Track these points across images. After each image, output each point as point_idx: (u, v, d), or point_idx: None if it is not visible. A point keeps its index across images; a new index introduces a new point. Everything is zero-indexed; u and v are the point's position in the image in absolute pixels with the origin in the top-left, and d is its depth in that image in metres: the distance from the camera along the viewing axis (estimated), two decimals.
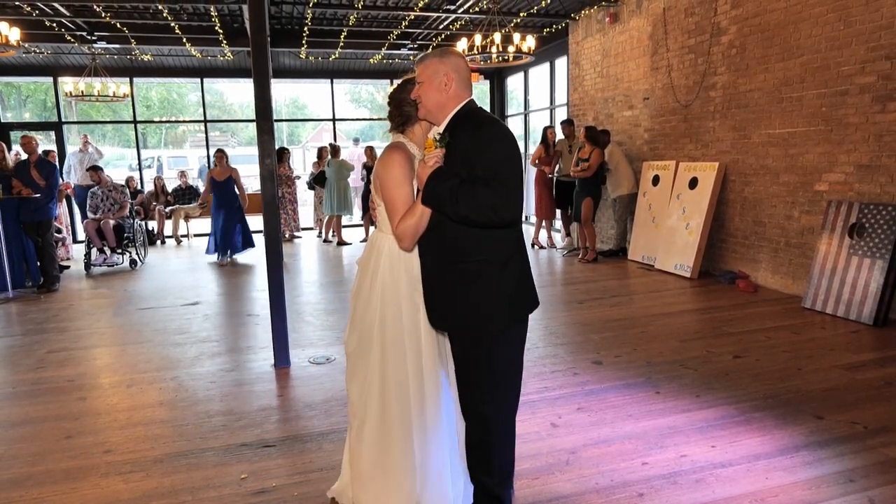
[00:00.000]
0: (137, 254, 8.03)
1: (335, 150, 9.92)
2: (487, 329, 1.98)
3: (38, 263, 6.69)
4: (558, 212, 8.79)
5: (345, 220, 10.13)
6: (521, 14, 8.46)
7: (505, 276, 1.97)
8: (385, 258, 2.06)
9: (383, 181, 2.00)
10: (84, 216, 9.78)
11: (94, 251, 7.70)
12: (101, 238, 7.72)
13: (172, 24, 8.29)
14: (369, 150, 9.84)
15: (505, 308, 1.98)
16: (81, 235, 10.01)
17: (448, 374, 2.16)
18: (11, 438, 3.05)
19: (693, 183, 6.52)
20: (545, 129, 8.62)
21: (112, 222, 7.76)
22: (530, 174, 8.98)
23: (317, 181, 10.23)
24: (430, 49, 9.96)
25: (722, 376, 3.59)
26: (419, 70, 1.99)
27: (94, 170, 8.18)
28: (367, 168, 9.61)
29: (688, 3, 6.63)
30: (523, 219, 11.42)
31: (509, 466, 2.12)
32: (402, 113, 2.08)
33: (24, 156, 6.73)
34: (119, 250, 7.85)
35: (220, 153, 8.08)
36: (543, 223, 8.78)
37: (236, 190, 8.03)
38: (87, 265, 7.59)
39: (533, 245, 8.62)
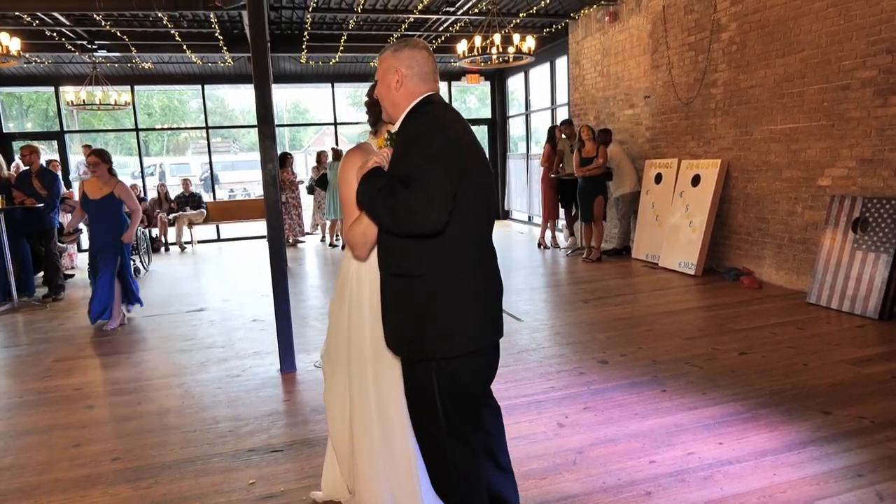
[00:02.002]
0: (142, 261, 8.04)
1: (338, 153, 9.95)
2: (427, 357, 1.74)
3: (42, 273, 6.72)
4: (561, 212, 8.78)
5: None
6: (521, 14, 8.46)
7: (451, 296, 1.70)
8: (353, 268, 1.99)
9: (339, 184, 1.93)
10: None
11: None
12: None
13: (172, 32, 8.33)
14: None
15: (449, 334, 1.72)
16: (86, 244, 10.07)
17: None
18: (20, 448, 3.06)
19: (696, 180, 6.51)
20: (552, 129, 8.53)
21: None
22: (533, 175, 8.99)
23: (318, 183, 10.26)
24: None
25: (728, 373, 3.58)
26: (378, 66, 1.84)
27: None
28: None
29: (687, 1, 6.63)
30: (526, 219, 11.42)
31: (476, 498, 1.89)
32: (372, 113, 2.03)
33: (24, 167, 6.75)
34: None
35: (96, 155, 5.12)
36: (549, 223, 8.76)
37: (125, 215, 5.23)
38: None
39: (539, 245, 8.63)
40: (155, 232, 10.10)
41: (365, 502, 2.08)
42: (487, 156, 1.93)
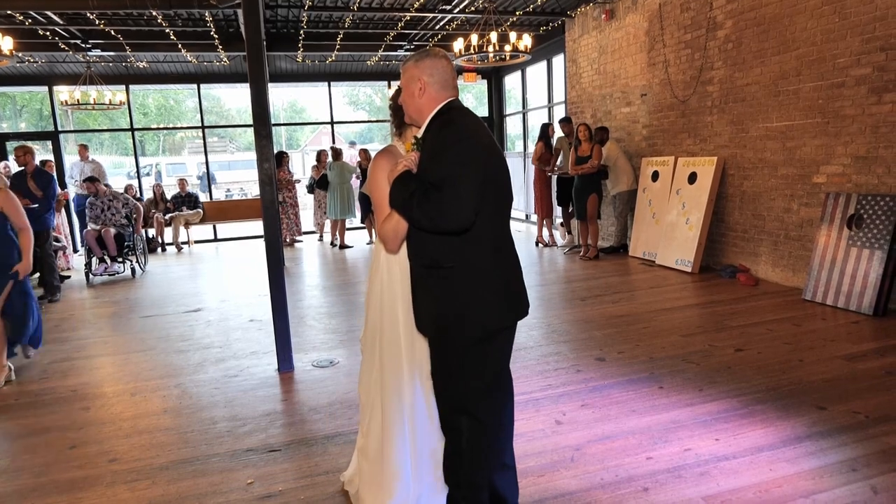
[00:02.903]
0: (138, 262, 8.03)
1: (336, 153, 9.93)
2: (454, 338, 1.93)
3: (38, 274, 6.70)
4: (559, 209, 8.78)
5: (347, 223, 10.13)
6: (518, 13, 8.46)
7: (476, 284, 1.90)
8: (384, 261, 2.12)
9: (369, 184, 2.08)
10: (82, 225, 9.81)
11: (94, 260, 7.69)
12: (101, 247, 7.71)
13: (167, 31, 8.30)
14: (363, 153, 9.86)
15: (473, 318, 1.91)
16: (80, 245, 10.03)
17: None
18: (16, 450, 3.05)
19: (692, 178, 6.53)
20: (544, 126, 8.54)
21: (113, 231, 7.76)
22: (529, 173, 8.98)
23: (319, 185, 10.24)
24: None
25: (724, 370, 3.60)
26: (401, 75, 2.02)
27: (91, 181, 8.16)
28: (363, 170, 9.62)
29: None
30: (523, 217, 11.43)
31: (479, 480, 2.04)
32: (397, 117, 2.15)
33: (16, 168, 6.71)
34: (120, 259, 7.83)
35: None
36: (545, 221, 8.76)
37: (11, 234, 4.03)
38: (88, 274, 7.60)
39: (537, 244, 8.63)
40: (151, 232, 10.08)
41: (386, 483, 2.16)
42: (499, 146, 2.09)
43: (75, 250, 9.73)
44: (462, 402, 1.98)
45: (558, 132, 8.60)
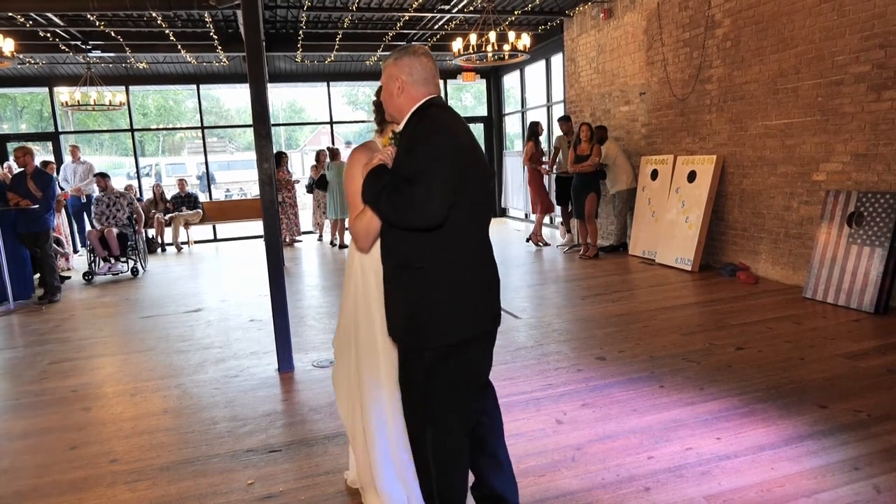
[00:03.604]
0: (139, 262, 8.05)
1: (334, 153, 9.93)
2: (421, 346, 1.85)
3: (38, 275, 6.70)
4: (558, 208, 8.77)
5: (346, 223, 10.13)
6: (516, 12, 8.46)
7: (446, 289, 1.82)
8: (357, 261, 2.09)
9: (345, 178, 2.06)
10: (79, 227, 9.82)
11: (98, 260, 7.75)
12: (104, 247, 7.75)
13: (167, 32, 8.30)
14: None
15: (441, 325, 1.82)
16: (80, 246, 10.03)
17: None
18: (16, 450, 3.05)
19: (691, 176, 6.53)
20: (533, 125, 8.43)
21: (115, 230, 7.81)
22: (514, 173, 8.90)
23: (318, 185, 10.24)
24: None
25: (725, 368, 3.60)
26: (382, 73, 1.98)
27: (102, 176, 8.21)
28: None
29: None
30: (523, 216, 11.43)
31: (451, 495, 1.96)
32: (378, 113, 2.14)
33: (17, 168, 6.72)
34: (123, 259, 7.89)
35: None
36: (544, 218, 8.73)
37: None
38: (90, 274, 7.61)
39: (528, 240, 8.58)
40: (151, 232, 10.08)
41: (378, 481, 2.13)
42: (484, 153, 2.03)
43: (75, 251, 9.73)
44: (433, 416, 1.89)
45: (557, 131, 8.58)
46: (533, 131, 8.35)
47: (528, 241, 8.61)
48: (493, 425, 2.11)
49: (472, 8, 7.97)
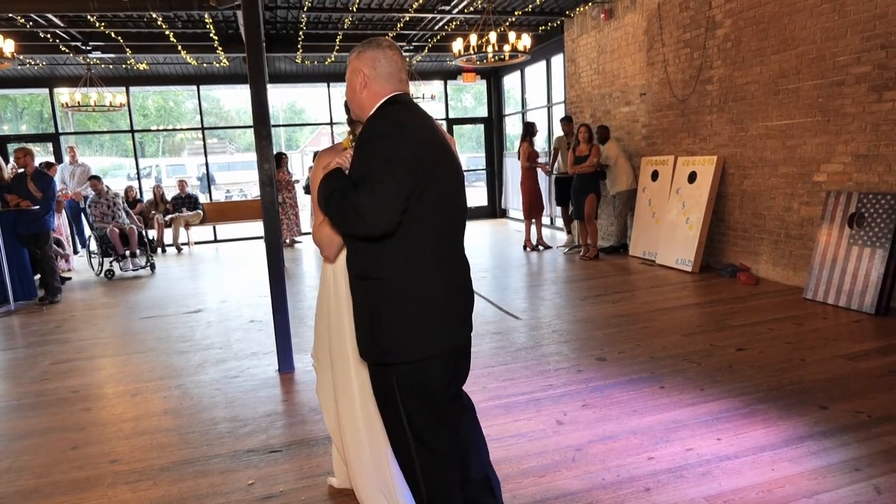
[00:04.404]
0: (149, 259, 8.25)
1: None
2: (384, 361, 1.73)
3: (39, 276, 6.71)
4: (558, 209, 8.74)
5: None
6: (516, 13, 8.46)
7: (408, 301, 1.67)
8: (330, 270, 2.06)
9: (311, 184, 1.97)
10: (77, 229, 9.83)
11: (114, 258, 7.97)
12: (124, 244, 7.96)
13: (167, 33, 8.31)
14: None
15: (406, 338, 1.69)
16: (80, 247, 10.03)
17: None
18: (17, 451, 3.05)
19: (692, 177, 6.53)
20: (528, 125, 8.33)
21: (136, 228, 8.14)
22: (514, 174, 8.81)
23: None
24: (426, 51, 9.98)
25: (725, 369, 3.59)
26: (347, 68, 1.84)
27: (96, 179, 8.26)
28: None
29: None
30: (523, 217, 11.41)
31: (442, 499, 1.85)
32: (348, 113, 2.04)
33: (19, 169, 6.73)
34: (140, 255, 8.15)
35: None
36: (533, 222, 8.55)
37: None
38: (111, 272, 7.88)
39: (525, 247, 8.41)
40: (152, 233, 10.08)
41: (359, 493, 2.14)
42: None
43: (75, 252, 9.73)
44: (405, 428, 1.79)
45: (557, 131, 8.57)
46: (527, 131, 8.27)
47: (525, 248, 8.41)
48: (470, 447, 1.99)
49: (472, 8, 7.97)
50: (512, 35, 6.81)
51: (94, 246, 8.34)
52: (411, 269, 1.67)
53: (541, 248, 8.37)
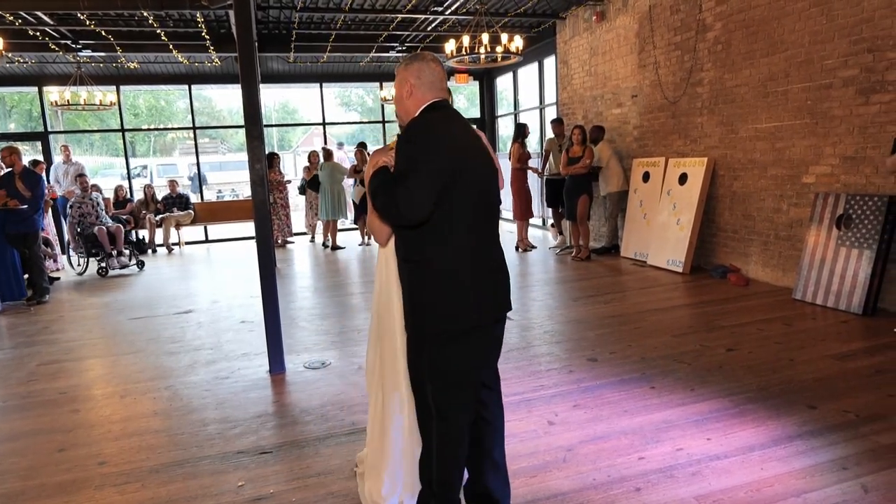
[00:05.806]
0: (134, 255, 8.33)
1: (328, 153, 9.90)
2: (420, 334, 1.98)
3: (26, 276, 6.64)
4: (549, 211, 8.76)
5: (339, 224, 10.09)
6: (509, 14, 8.48)
7: (441, 282, 1.91)
8: (383, 254, 2.20)
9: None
10: (71, 227, 9.73)
11: (101, 257, 8.03)
12: (111, 243, 8.05)
13: (158, 31, 8.25)
14: (360, 152, 9.75)
15: (436, 315, 1.93)
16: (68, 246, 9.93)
17: None
18: (3, 453, 3.02)
19: (683, 179, 6.56)
20: (520, 126, 8.31)
21: (121, 227, 8.26)
22: (506, 175, 8.76)
23: (310, 186, 10.20)
24: (418, 51, 9.98)
25: (715, 369, 3.62)
26: (395, 79, 2.09)
27: (83, 176, 8.26)
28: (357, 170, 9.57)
29: (673, 1, 6.67)
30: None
31: (450, 480, 2.05)
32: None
33: (6, 169, 6.66)
34: (127, 253, 8.25)
35: None
36: (523, 224, 8.53)
37: None
38: (104, 269, 7.97)
39: (517, 248, 8.37)
40: (142, 233, 10.01)
41: (385, 474, 2.22)
42: (490, 152, 2.12)
43: (63, 251, 9.64)
44: (433, 401, 2.00)
45: (549, 133, 8.58)
46: (520, 132, 8.27)
47: (517, 249, 8.45)
48: (495, 426, 2.16)
49: (465, 10, 7.98)
50: (504, 36, 6.83)
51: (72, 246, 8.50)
52: (444, 254, 1.91)
53: (525, 248, 8.38)
